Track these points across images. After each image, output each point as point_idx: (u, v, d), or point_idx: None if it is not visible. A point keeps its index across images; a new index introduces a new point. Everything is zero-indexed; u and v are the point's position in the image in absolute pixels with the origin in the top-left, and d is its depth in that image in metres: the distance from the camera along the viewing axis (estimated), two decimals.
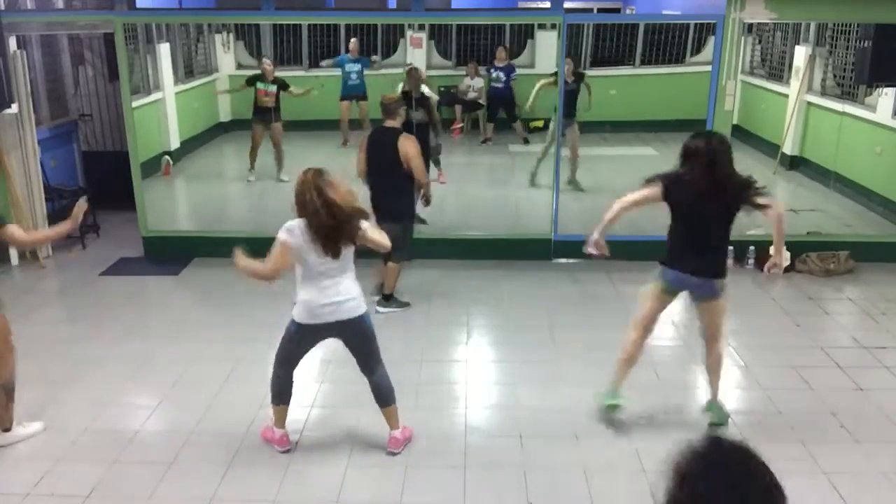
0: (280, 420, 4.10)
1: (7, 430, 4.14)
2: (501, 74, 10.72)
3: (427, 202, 5.97)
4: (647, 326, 4.28)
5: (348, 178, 4.09)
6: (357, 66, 10.26)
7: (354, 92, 10.27)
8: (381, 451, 4.09)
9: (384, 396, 4.07)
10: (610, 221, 4.14)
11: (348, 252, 3.82)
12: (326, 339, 4.00)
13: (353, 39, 10.49)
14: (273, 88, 8.79)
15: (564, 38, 6.77)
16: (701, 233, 4.06)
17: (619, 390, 4.32)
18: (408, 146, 5.48)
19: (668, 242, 4.18)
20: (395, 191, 5.55)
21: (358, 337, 3.98)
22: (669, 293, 4.21)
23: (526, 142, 10.59)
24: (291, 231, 3.72)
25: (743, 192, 3.99)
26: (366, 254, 4.12)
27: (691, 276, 4.08)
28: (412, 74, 7.38)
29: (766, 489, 1.50)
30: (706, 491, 1.48)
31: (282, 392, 4.07)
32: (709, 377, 4.35)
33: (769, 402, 4.59)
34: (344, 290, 3.82)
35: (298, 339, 3.94)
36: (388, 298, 5.88)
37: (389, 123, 5.59)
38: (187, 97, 10.49)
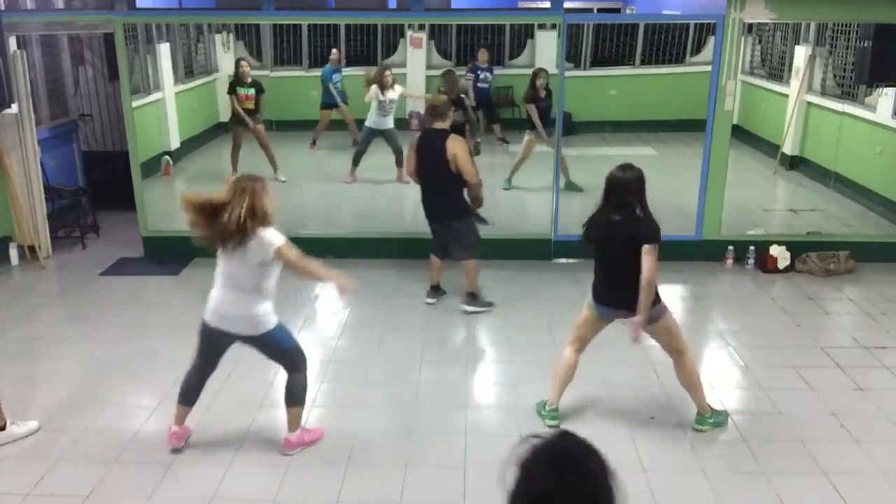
0: (177, 417, 4.07)
1: (1, 428, 4.14)
2: (489, 75, 10.78)
3: (478, 203, 5.86)
4: (581, 347, 4.33)
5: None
6: (340, 76, 10.24)
7: (335, 101, 10.22)
8: (382, 451, 4.10)
9: (291, 396, 4.07)
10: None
11: (251, 267, 3.74)
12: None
13: (334, 50, 10.43)
14: (252, 92, 8.81)
15: (564, 38, 6.77)
16: (616, 268, 4.01)
17: (556, 410, 4.32)
18: (456, 147, 5.46)
19: (593, 276, 4.19)
20: (444, 191, 5.55)
21: (267, 351, 3.99)
22: (601, 321, 4.23)
23: (505, 142, 10.69)
24: None
25: (639, 235, 3.91)
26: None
27: (618, 310, 4.07)
28: (449, 78, 7.44)
29: (597, 489, 1.54)
30: (537, 484, 1.53)
31: (184, 390, 4.05)
32: (687, 392, 4.31)
33: (769, 402, 4.59)
34: (237, 305, 3.80)
35: (201, 335, 3.95)
36: (473, 297, 5.86)
37: (438, 125, 5.57)
38: (187, 97, 10.48)
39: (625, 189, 3.94)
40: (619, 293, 4.00)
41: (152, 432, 4.29)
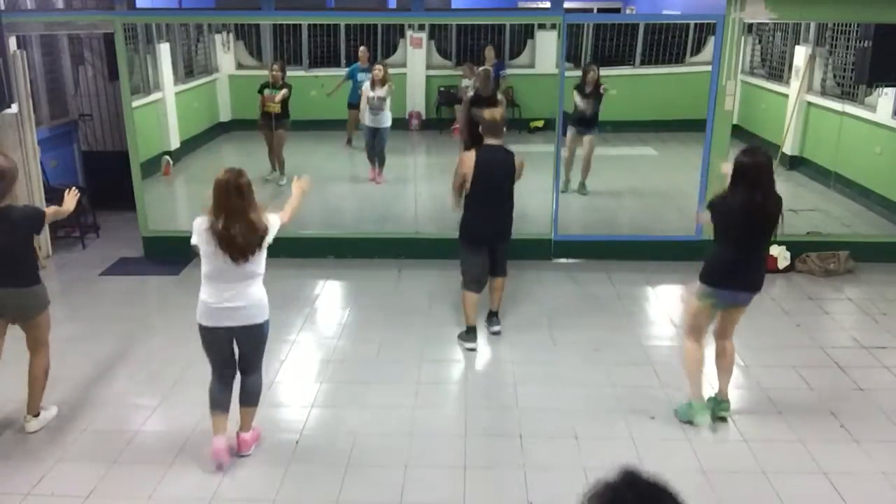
0: (214, 427, 3.95)
1: (37, 415, 4.31)
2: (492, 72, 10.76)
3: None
4: (699, 337, 4.36)
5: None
6: (368, 74, 10.16)
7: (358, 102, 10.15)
8: (382, 451, 4.09)
9: (249, 397, 4.05)
10: None
11: (256, 258, 3.77)
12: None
13: (362, 47, 10.29)
14: (277, 93, 8.78)
15: (564, 38, 6.77)
16: (751, 250, 4.12)
17: (702, 400, 4.34)
18: (519, 159, 5.33)
19: (713, 262, 4.24)
20: (510, 209, 5.42)
21: (252, 342, 3.93)
22: (719, 307, 4.27)
23: None
24: (196, 229, 3.86)
25: (777, 212, 4.12)
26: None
27: (743, 292, 4.19)
28: (482, 75, 7.46)
29: None
30: None
31: (212, 397, 3.98)
32: (720, 375, 4.41)
33: (769, 402, 4.59)
34: (243, 296, 3.79)
35: (204, 342, 3.91)
36: (472, 331, 5.43)
37: (494, 141, 5.30)
38: (187, 97, 10.49)
39: (772, 170, 4.09)
40: (756, 272, 4.16)
41: (152, 432, 4.30)
